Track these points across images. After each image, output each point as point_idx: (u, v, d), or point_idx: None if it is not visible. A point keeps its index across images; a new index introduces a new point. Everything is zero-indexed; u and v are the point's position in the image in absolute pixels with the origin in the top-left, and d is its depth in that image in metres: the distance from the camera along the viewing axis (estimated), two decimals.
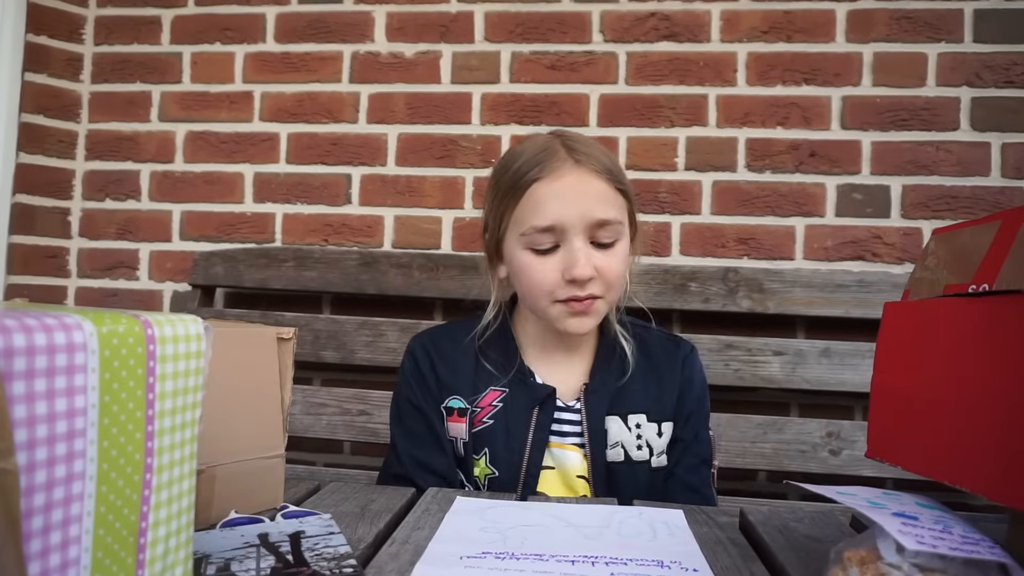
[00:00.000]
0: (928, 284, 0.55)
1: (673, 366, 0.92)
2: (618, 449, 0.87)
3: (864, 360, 1.29)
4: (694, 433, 0.91)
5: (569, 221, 0.80)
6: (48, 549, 0.31)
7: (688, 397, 0.91)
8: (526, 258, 0.83)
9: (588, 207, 0.80)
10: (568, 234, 0.81)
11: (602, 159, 0.83)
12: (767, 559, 0.57)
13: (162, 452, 0.37)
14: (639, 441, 0.88)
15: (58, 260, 1.58)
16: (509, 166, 0.85)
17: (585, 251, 0.81)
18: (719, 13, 1.46)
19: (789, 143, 1.44)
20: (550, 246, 0.82)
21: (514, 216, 0.83)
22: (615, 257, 0.83)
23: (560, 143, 0.84)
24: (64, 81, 1.58)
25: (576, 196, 0.80)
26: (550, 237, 0.81)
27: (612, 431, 0.87)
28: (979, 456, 0.44)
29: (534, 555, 0.54)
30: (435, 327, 0.99)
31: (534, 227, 0.81)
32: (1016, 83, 1.39)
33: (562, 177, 0.81)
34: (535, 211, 0.81)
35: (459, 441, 0.88)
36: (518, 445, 0.86)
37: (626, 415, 0.88)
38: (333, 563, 0.50)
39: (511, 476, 0.85)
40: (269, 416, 0.66)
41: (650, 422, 0.89)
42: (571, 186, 0.81)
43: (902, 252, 1.41)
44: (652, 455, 0.88)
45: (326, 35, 1.55)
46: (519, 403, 0.88)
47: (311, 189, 1.54)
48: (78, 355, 0.32)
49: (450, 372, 0.90)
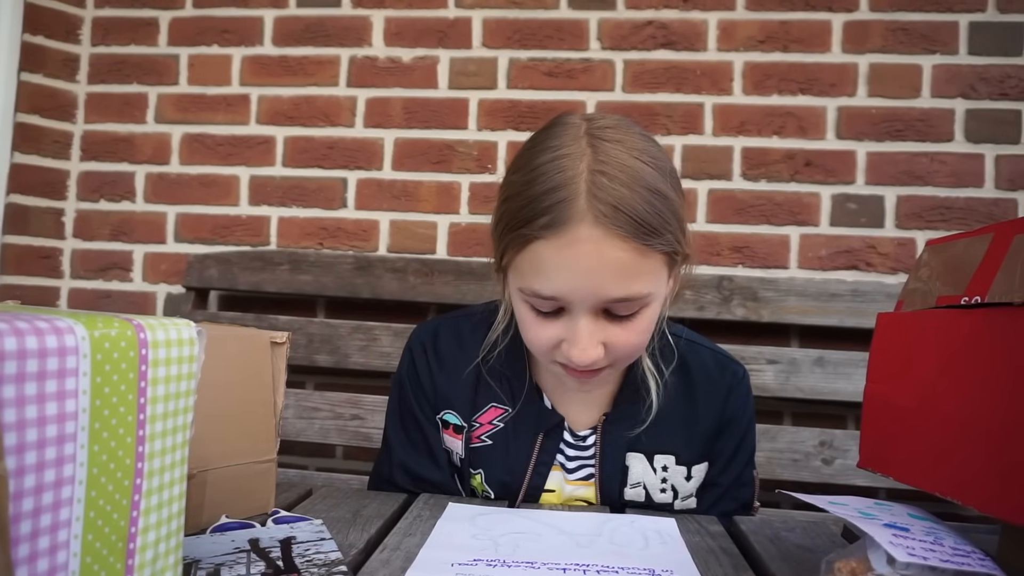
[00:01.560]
0: (921, 295, 0.55)
1: (714, 400, 0.80)
2: (639, 490, 0.77)
3: (857, 370, 1.30)
4: (735, 476, 0.80)
5: (575, 296, 0.64)
6: (37, 554, 0.30)
7: (728, 436, 0.80)
8: (524, 313, 0.69)
9: (602, 284, 0.63)
10: (573, 307, 0.65)
11: (637, 207, 0.62)
12: (758, 568, 0.57)
13: (153, 457, 0.37)
14: (664, 484, 0.78)
15: (51, 261, 1.57)
16: (520, 192, 0.66)
17: (590, 330, 0.65)
18: (716, 22, 1.47)
19: (784, 152, 1.45)
20: (551, 310, 0.67)
21: (515, 262, 0.67)
22: (633, 330, 0.67)
23: (586, 176, 0.62)
24: (60, 81, 1.57)
25: (588, 272, 0.62)
26: (551, 304, 0.66)
27: (635, 470, 0.77)
28: (971, 468, 0.44)
29: (526, 562, 0.54)
30: (442, 319, 0.87)
31: (533, 291, 0.65)
32: (1010, 95, 1.40)
33: (574, 244, 0.62)
34: (536, 275, 0.65)
35: (455, 455, 0.81)
36: (517, 471, 0.78)
37: (652, 455, 0.78)
38: (324, 569, 0.50)
39: (508, 497, 0.78)
40: (261, 420, 0.66)
41: (679, 464, 0.78)
42: (585, 258, 0.62)
43: (896, 262, 1.41)
44: (676, 498, 0.78)
45: (324, 39, 1.55)
46: (523, 426, 0.78)
47: (307, 192, 1.54)
48: (69, 359, 0.32)
49: (448, 383, 0.81)
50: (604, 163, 0.63)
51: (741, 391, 0.81)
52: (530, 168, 0.66)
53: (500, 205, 0.70)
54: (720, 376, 0.81)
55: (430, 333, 0.84)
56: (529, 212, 0.64)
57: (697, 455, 0.79)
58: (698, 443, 0.79)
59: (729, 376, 0.82)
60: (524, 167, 0.68)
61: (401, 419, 0.84)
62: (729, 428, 0.80)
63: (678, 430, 0.78)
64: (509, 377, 0.80)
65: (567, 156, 0.64)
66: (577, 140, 0.66)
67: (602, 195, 0.62)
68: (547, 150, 0.66)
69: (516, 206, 0.66)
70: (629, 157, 0.64)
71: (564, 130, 0.68)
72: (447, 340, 0.83)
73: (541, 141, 0.68)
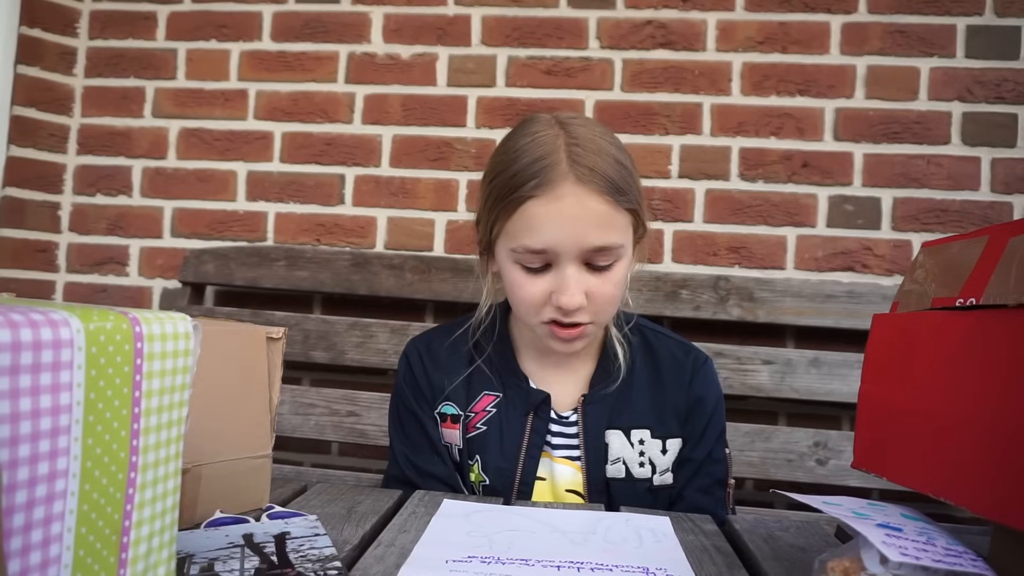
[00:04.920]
0: (916, 297, 0.55)
1: (680, 380, 0.87)
2: (619, 465, 0.83)
3: (853, 371, 1.30)
4: (707, 452, 0.86)
5: (563, 246, 0.74)
6: (29, 547, 0.30)
7: (699, 415, 0.86)
8: (515, 274, 0.78)
9: (585, 233, 0.74)
10: (560, 258, 0.75)
11: (608, 171, 0.75)
12: (752, 567, 0.57)
13: (147, 450, 0.37)
14: (642, 458, 0.84)
15: (47, 254, 1.57)
16: (506, 168, 0.77)
17: (576, 278, 0.75)
18: (715, 23, 1.47)
19: (782, 153, 1.45)
20: (540, 265, 0.77)
21: (506, 228, 0.78)
22: (610, 281, 0.77)
23: (564, 148, 0.75)
24: (57, 75, 1.57)
25: (573, 221, 0.73)
26: (541, 258, 0.76)
27: (614, 446, 0.84)
28: (964, 469, 0.44)
29: (520, 560, 0.54)
30: (431, 329, 0.96)
31: (525, 247, 0.75)
32: (1007, 99, 1.40)
33: (560, 198, 0.73)
34: (527, 231, 0.75)
35: (454, 447, 0.86)
36: (512, 453, 0.84)
37: (629, 430, 0.85)
38: (318, 565, 0.50)
39: (504, 484, 0.83)
40: (257, 416, 0.66)
41: (654, 438, 0.85)
42: (569, 209, 0.73)
43: (892, 264, 1.41)
44: (655, 473, 0.84)
45: (322, 35, 1.54)
46: (513, 409, 0.85)
47: (304, 188, 1.54)
48: (64, 351, 0.32)
49: (443, 377, 0.88)
50: (576, 139, 0.76)
51: (706, 372, 0.89)
52: (513, 149, 0.79)
53: (487, 186, 0.81)
54: (685, 359, 0.89)
55: (423, 340, 0.93)
56: (519, 179, 0.75)
57: (670, 430, 0.86)
58: (670, 419, 0.86)
59: (692, 360, 0.89)
60: (507, 150, 0.80)
61: (403, 421, 0.90)
62: (698, 407, 0.87)
63: (650, 406, 0.86)
64: (498, 365, 0.88)
65: (545, 135, 0.78)
66: (551, 126, 0.79)
67: (580, 160, 0.75)
68: (525, 135, 0.79)
69: (505, 178, 0.77)
70: (596, 136, 0.78)
71: (537, 121, 0.81)
72: (439, 343, 0.91)
73: (517, 131, 0.81)
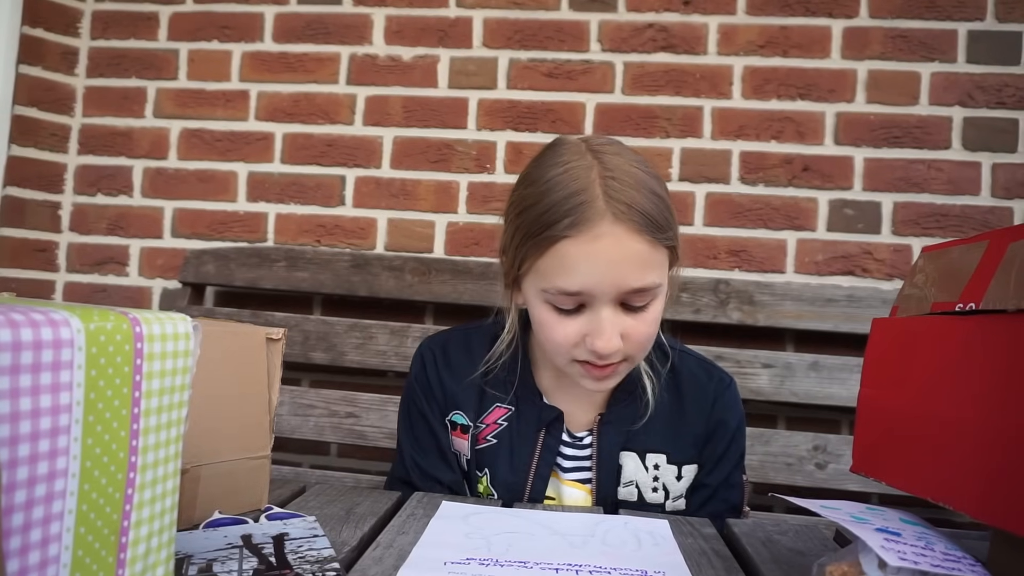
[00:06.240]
0: (916, 301, 0.55)
1: (703, 406, 0.83)
2: (631, 488, 0.81)
3: (852, 375, 1.30)
4: (723, 477, 0.83)
5: (599, 289, 0.69)
6: (28, 546, 0.30)
7: (718, 439, 0.83)
8: (545, 314, 0.74)
9: (623, 275, 0.69)
10: (595, 300, 0.70)
11: (646, 206, 0.69)
12: (750, 571, 0.57)
13: (147, 451, 0.37)
14: (656, 483, 0.81)
15: (47, 254, 1.57)
16: (536, 201, 0.71)
17: (612, 320, 0.71)
18: (716, 26, 1.47)
19: (783, 157, 1.45)
20: (573, 307, 0.72)
21: (536, 265, 0.72)
22: (645, 321, 0.72)
23: (599, 181, 0.70)
24: (59, 74, 1.57)
25: (610, 263, 0.69)
26: (575, 300, 0.71)
27: (627, 468, 0.81)
28: (963, 474, 0.44)
29: (518, 562, 0.54)
30: (449, 331, 0.92)
31: (558, 288, 0.70)
32: (1007, 104, 1.40)
33: (597, 239, 0.68)
34: (561, 272, 0.70)
35: (463, 457, 0.85)
36: (522, 469, 0.81)
37: (645, 453, 0.81)
38: (316, 566, 0.50)
39: (514, 500, 0.80)
40: (256, 416, 0.66)
41: (670, 463, 0.82)
42: (606, 251, 0.68)
43: (892, 268, 1.42)
44: (668, 499, 0.81)
45: (324, 36, 1.55)
46: (525, 424, 0.82)
47: (305, 189, 1.54)
48: (64, 351, 0.32)
49: (456, 384, 0.85)
50: (611, 171, 0.71)
51: (729, 396, 0.85)
52: (543, 180, 0.73)
53: (516, 219, 0.75)
54: (708, 382, 0.85)
55: (440, 341, 0.89)
56: (551, 216, 0.70)
57: (687, 456, 0.83)
58: (688, 444, 0.83)
59: (716, 382, 0.85)
60: (536, 180, 0.74)
61: (412, 423, 0.87)
62: (718, 431, 0.83)
63: (668, 430, 0.82)
64: (511, 382, 0.84)
65: (577, 167, 0.72)
66: (582, 155, 0.73)
67: (616, 196, 0.69)
68: (556, 165, 0.73)
69: (536, 214, 0.71)
70: (630, 167, 0.72)
71: (566, 147, 0.75)
72: (456, 348, 0.88)
73: (547, 159, 0.75)
